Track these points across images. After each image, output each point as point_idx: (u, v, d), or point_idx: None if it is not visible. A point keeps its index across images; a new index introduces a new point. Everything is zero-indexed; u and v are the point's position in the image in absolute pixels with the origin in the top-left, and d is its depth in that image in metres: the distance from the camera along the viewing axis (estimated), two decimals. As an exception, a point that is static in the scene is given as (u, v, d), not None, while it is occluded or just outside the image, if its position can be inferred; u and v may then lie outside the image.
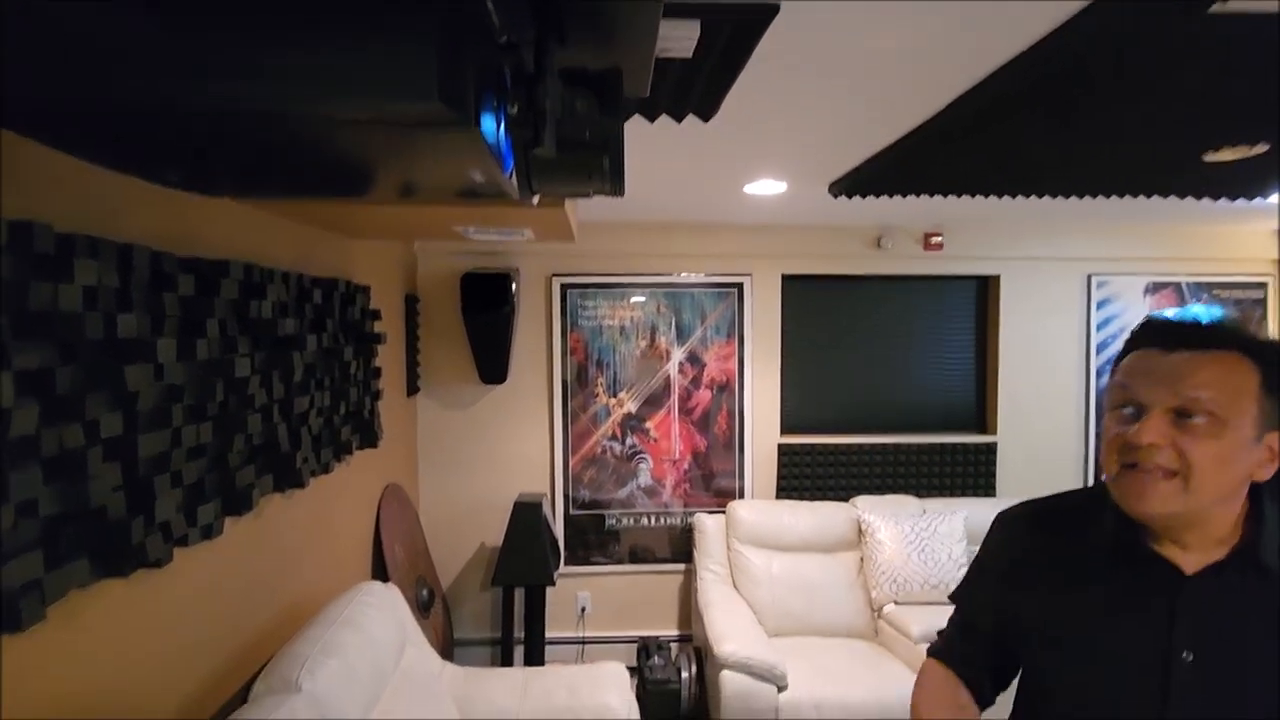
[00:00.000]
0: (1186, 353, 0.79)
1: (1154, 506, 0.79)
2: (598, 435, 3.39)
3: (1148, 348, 0.82)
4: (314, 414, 1.89)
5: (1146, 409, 0.78)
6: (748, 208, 2.91)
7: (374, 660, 1.79)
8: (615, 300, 3.39)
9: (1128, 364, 0.84)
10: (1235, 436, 0.77)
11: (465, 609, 3.35)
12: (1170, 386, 0.77)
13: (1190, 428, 0.76)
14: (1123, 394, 0.81)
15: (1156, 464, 0.77)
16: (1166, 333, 0.82)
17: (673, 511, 3.42)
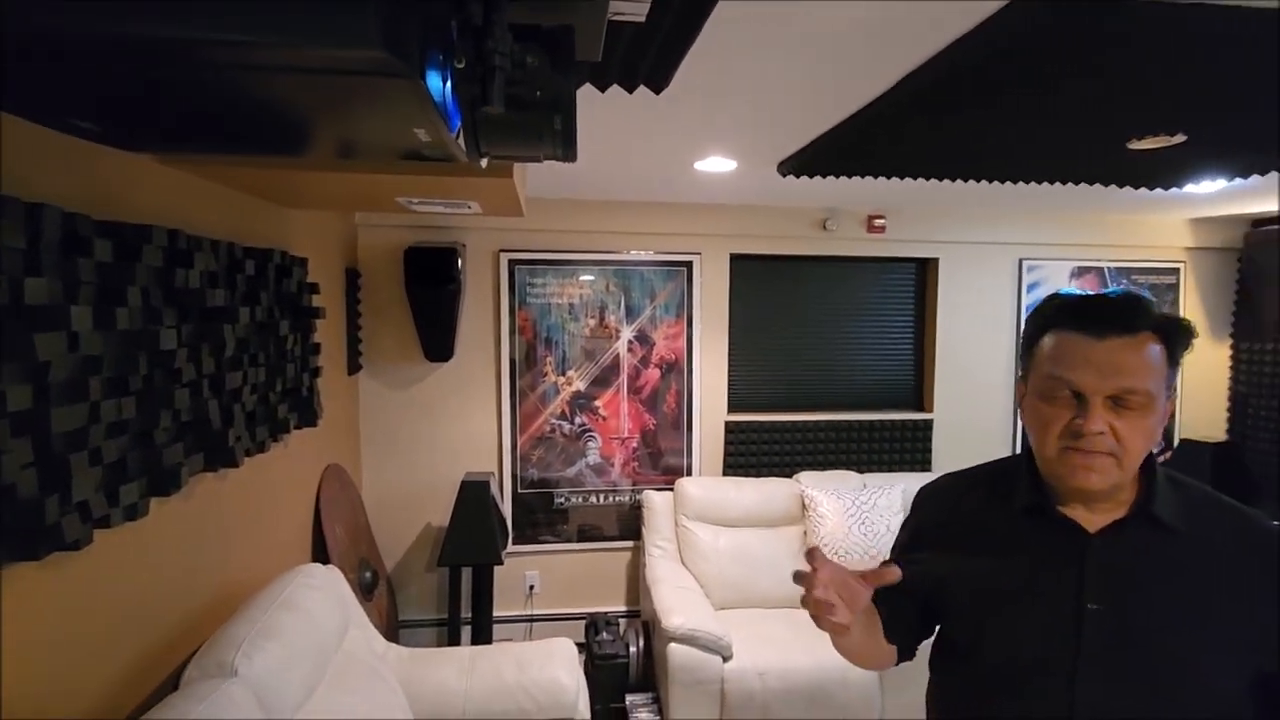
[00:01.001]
0: (1116, 339, 0.84)
1: (1095, 484, 0.85)
2: (546, 414, 3.37)
3: (1072, 331, 0.86)
4: (248, 390, 1.81)
5: (1086, 397, 0.83)
6: (698, 186, 2.92)
7: (315, 642, 1.74)
8: (564, 278, 3.36)
9: (1057, 351, 0.87)
10: (1157, 412, 0.85)
11: (411, 590, 3.30)
12: (1109, 378, 0.83)
13: (1125, 413, 0.83)
14: (1059, 383, 0.85)
15: (1099, 448, 0.83)
16: (1090, 317, 0.86)
17: (621, 489, 3.44)
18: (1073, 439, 0.84)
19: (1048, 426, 0.87)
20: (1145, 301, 0.87)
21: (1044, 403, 0.88)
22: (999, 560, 0.94)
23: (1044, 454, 0.89)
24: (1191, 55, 1.40)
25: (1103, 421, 0.83)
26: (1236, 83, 1.54)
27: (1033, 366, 0.92)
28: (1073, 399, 0.85)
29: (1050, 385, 0.87)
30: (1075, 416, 0.84)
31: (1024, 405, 0.94)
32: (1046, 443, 0.88)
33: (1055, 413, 0.86)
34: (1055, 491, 0.91)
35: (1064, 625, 0.88)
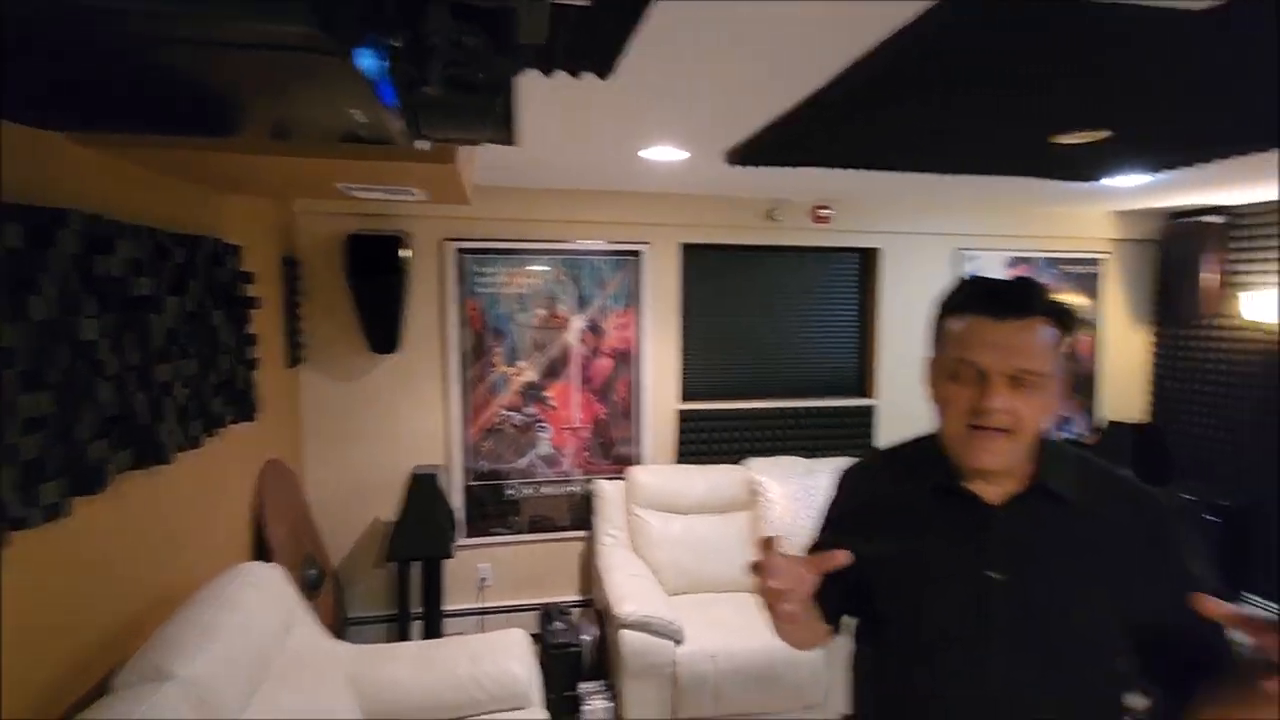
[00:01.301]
0: (1014, 321, 0.89)
1: (996, 461, 0.92)
2: (496, 405, 3.33)
3: (976, 314, 0.92)
4: (178, 384, 1.73)
5: (988, 376, 0.89)
6: (647, 175, 2.92)
7: (256, 642, 1.69)
8: (513, 267, 3.32)
9: (964, 334, 0.92)
10: (1050, 391, 0.91)
11: (358, 587, 3.22)
12: (1007, 357, 0.88)
13: (1022, 391, 0.89)
14: (965, 363, 0.91)
15: (999, 425, 0.89)
16: (991, 300, 0.92)
17: (573, 479, 3.43)
18: (976, 416, 0.89)
19: (954, 404, 0.92)
20: (1038, 287, 0.93)
21: (951, 382, 0.93)
22: (911, 537, 0.99)
23: (950, 431, 0.94)
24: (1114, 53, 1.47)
25: (1003, 398, 0.88)
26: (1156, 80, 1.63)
27: (940, 350, 0.97)
28: (977, 378, 0.90)
29: (957, 366, 0.92)
30: (977, 395, 0.89)
31: (932, 386, 0.99)
32: (952, 420, 0.93)
33: (961, 391, 0.91)
34: (960, 469, 0.96)
35: (971, 597, 0.94)
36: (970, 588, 0.94)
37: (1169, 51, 1.44)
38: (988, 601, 0.93)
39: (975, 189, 3.17)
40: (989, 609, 0.93)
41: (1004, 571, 0.93)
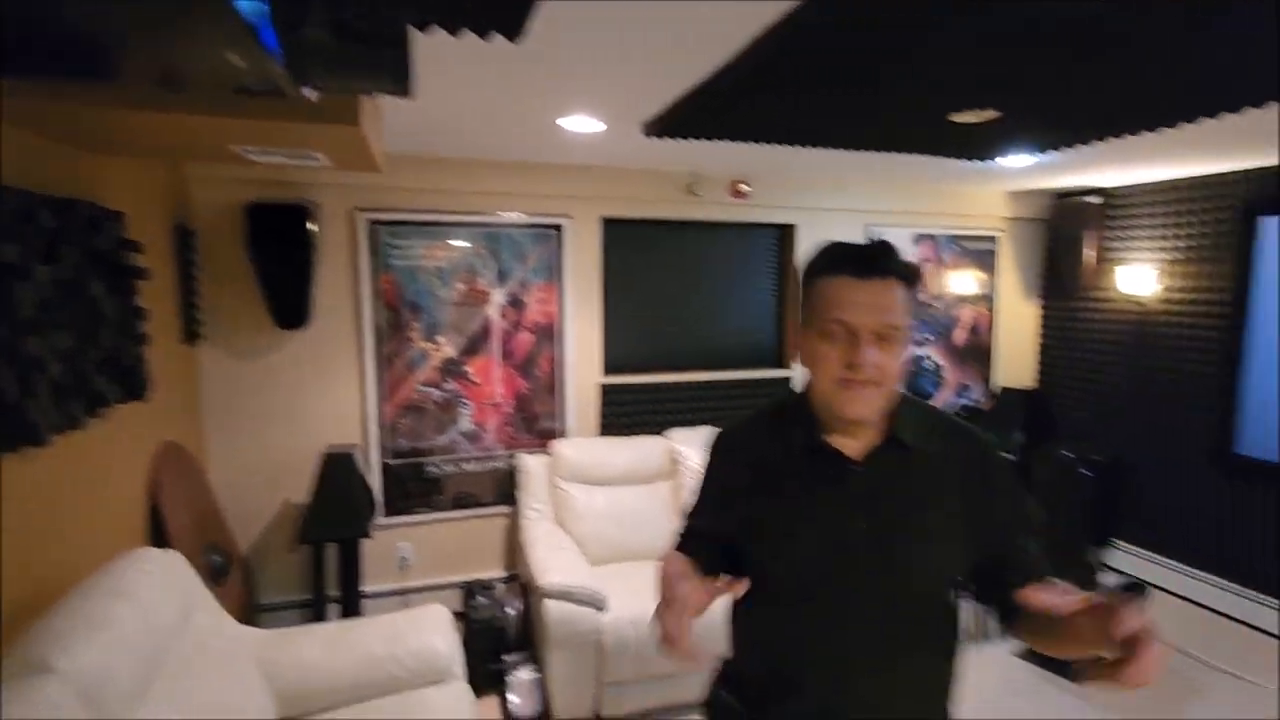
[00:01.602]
0: (877, 281, 0.97)
1: (867, 411, 0.99)
2: (415, 381, 3.25)
3: (841, 275, 0.98)
4: (52, 359, 1.60)
5: (858, 334, 0.96)
6: (566, 146, 2.88)
7: (151, 631, 1.60)
8: (431, 240, 3.22)
9: (833, 296, 0.98)
10: (905, 344, 0.99)
11: (271, 573, 3.10)
12: (874, 315, 0.96)
13: (886, 345, 0.96)
14: (836, 323, 0.97)
15: (868, 378, 0.96)
16: (856, 263, 0.98)
17: (496, 455, 3.40)
18: (848, 371, 0.96)
19: (825, 362, 0.98)
20: (893, 249, 1.00)
21: (823, 341, 0.98)
22: (783, 495, 1.05)
23: (822, 388, 1.00)
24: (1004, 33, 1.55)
25: (871, 353, 0.95)
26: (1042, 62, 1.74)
27: (810, 312, 1.02)
28: (847, 336, 0.96)
29: (829, 326, 0.97)
30: (847, 352, 0.96)
31: (802, 347, 1.04)
32: (825, 377, 0.99)
33: (832, 349, 0.97)
34: (825, 425, 1.03)
35: (838, 546, 1.01)
36: (836, 538, 1.01)
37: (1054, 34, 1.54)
38: (851, 550, 1.01)
39: (883, 166, 3.30)
40: (852, 556, 1.01)
41: (865, 520, 1.01)
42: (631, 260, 3.63)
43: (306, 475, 2.86)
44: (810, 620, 1.03)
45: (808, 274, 1.04)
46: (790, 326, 3.90)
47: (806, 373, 1.04)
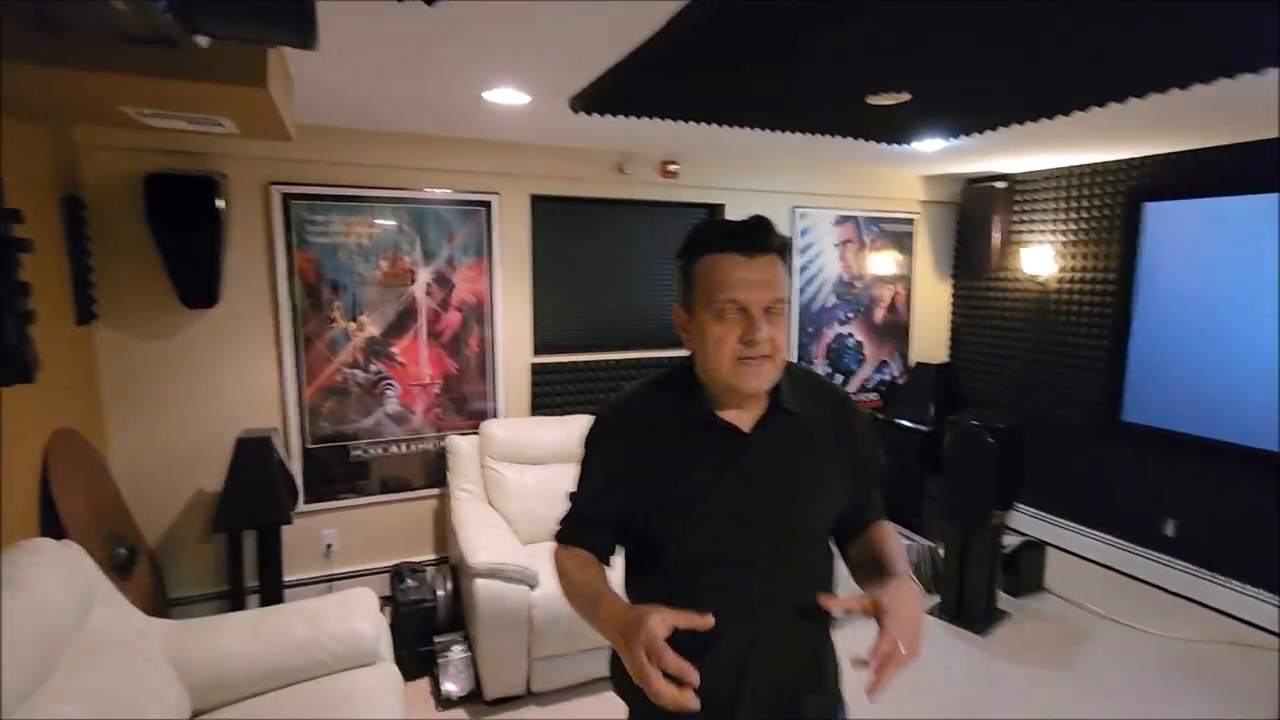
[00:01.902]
0: (762, 258, 0.98)
1: (766, 384, 1.02)
2: (337, 363, 3.14)
3: (728, 254, 0.98)
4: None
5: (751, 312, 0.97)
6: (494, 122, 2.83)
7: (46, 625, 1.51)
8: (351, 216, 3.10)
9: (723, 274, 0.98)
10: (786, 315, 1.03)
11: (183, 565, 2.95)
12: (764, 292, 0.98)
13: (775, 319, 0.99)
14: (729, 303, 0.98)
15: (765, 353, 0.98)
16: (741, 241, 0.99)
17: (425, 436, 3.34)
18: (746, 348, 0.98)
19: (723, 342, 0.98)
20: (771, 224, 1.01)
21: (718, 322, 0.99)
22: (683, 471, 1.04)
23: (719, 366, 1.00)
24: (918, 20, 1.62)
25: (765, 329, 0.97)
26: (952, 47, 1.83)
27: (697, 293, 1.01)
28: (740, 315, 0.98)
29: (722, 305, 0.98)
30: (745, 329, 0.97)
31: (692, 328, 1.04)
32: (722, 356, 0.99)
33: (728, 329, 0.98)
34: (716, 399, 1.05)
35: (736, 513, 1.04)
36: (735, 506, 1.04)
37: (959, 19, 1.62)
38: (752, 517, 1.04)
39: (808, 148, 3.39)
40: (753, 523, 1.04)
41: (760, 487, 1.04)
42: (562, 239, 3.61)
43: (220, 462, 2.74)
44: (717, 588, 1.03)
45: (689, 253, 1.03)
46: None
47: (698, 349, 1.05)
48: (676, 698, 0.83)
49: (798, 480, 1.07)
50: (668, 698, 0.83)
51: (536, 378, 3.54)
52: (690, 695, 0.84)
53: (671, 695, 0.83)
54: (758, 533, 1.04)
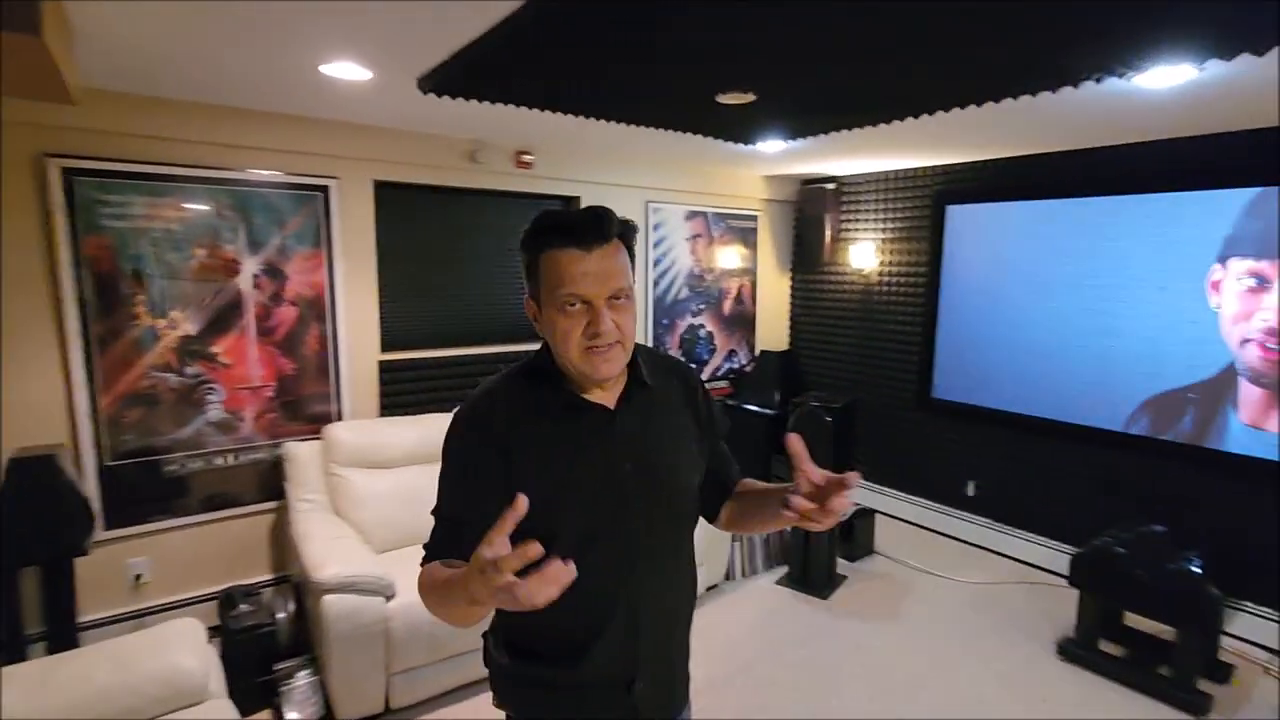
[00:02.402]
0: (601, 249, 1.00)
1: (616, 369, 1.05)
2: (143, 365, 2.73)
3: (567, 248, 0.99)
4: None
5: (594, 305, 1.00)
6: (333, 99, 2.60)
7: None
8: (157, 197, 2.71)
9: (563, 271, 0.99)
10: (635, 300, 1.07)
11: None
12: (605, 283, 1.00)
13: (619, 307, 1.02)
14: (572, 297, 1.00)
15: (611, 341, 1.02)
16: (578, 234, 1.00)
17: (257, 445, 3.01)
18: (593, 340, 1.01)
19: (570, 335, 1.01)
20: (609, 212, 1.02)
21: (562, 316, 1.01)
22: (557, 453, 1.06)
23: (570, 356, 1.03)
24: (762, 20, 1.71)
25: (609, 320, 1.00)
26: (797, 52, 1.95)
27: (542, 287, 1.03)
28: (584, 307, 1.00)
29: (565, 300, 1.00)
30: (589, 322, 1.00)
31: (540, 320, 1.06)
32: (570, 348, 1.02)
33: (573, 322, 1.01)
34: (577, 383, 1.08)
35: (612, 489, 1.07)
36: (610, 482, 1.07)
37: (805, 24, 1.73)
38: (625, 488, 1.08)
39: (661, 144, 3.48)
40: (626, 494, 1.08)
41: (631, 459, 1.09)
42: (411, 229, 3.41)
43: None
44: (600, 563, 1.05)
45: (530, 246, 1.04)
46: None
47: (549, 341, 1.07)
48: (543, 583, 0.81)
49: (664, 447, 1.13)
50: (537, 589, 0.81)
51: (385, 376, 3.33)
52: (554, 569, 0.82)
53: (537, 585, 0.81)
54: (636, 501, 1.08)
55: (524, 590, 0.80)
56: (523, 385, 1.10)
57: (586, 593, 1.04)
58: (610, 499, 1.07)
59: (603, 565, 1.05)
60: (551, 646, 1.11)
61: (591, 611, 0.91)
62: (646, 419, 1.12)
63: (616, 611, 1.09)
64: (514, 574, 0.81)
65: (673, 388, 1.19)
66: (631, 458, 1.09)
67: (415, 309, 3.47)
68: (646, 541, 1.10)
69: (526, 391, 1.09)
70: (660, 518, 1.12)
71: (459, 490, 1.09)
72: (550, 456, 1.05)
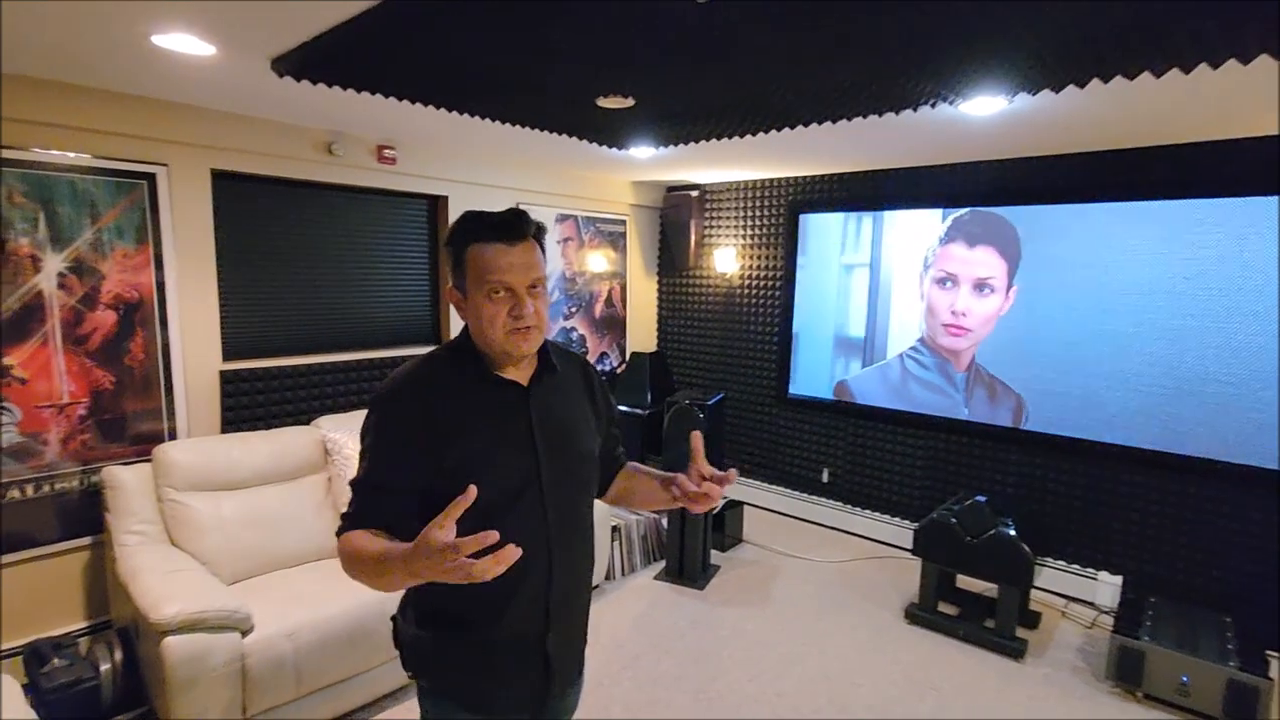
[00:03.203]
0: (522, 244, 1.16)
1: (532, 348, 1.20)
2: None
3: (494, 242, 1.15)
4: None
5: (517, 292, 1.15)
6: (166, 75, 2.30)
7: None
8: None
9: (490, 261, 1.14)
10: (548, 291, 1.23)
11: None
12: (525, 273, 1.16)
13: (537, 295, 1.18)
14: (498, 284, 1.15)
15: (531, 323, 1.17)
16: (504, 231, 1.15)
17: (65, 473, 2.58)
18: (516, 322, 1.16)
19: (495, 319, 1.16)
20: (526, 214, 1.18)
21: (489, 302, 1.15)
22: (478, 424, 1.17)
23: (495, 338, 1.17)
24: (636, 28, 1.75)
25: (529, 305, 1.16)
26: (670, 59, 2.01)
27: (469, 277, 1.17)
28: (508, 295, 1.15)
29: (492, 288, 1.15)
30: (512, 306, 1.15)
31: (466, 305, 1.19)
32: (496, 330, 1.16)
33: (499, 307, 1.15)
34: (495, 363, 1.22)
35: (527, 457, 1.20)
36: (525, 451, 1.20)
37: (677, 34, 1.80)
38: (538, 455, 1.21)
39: (532, 146, 3.45)
40: (539, 461, 1.21)
41: (543, 430, 1.22)
42: (259, 225, 3.10)
43: None
44: (520, 523, 1.15)
45: (457, 242, 1.18)
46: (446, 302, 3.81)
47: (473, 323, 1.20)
48: (496, 563, 0.91)
49: (569, 421, 1.28)
50: (490, 568, 0.90)
51: (228, 388, 2.99)
52: (507, 551, 0.91)
53: (490, 564, 0.91)
54: (548, 465, 1.21)
55: (478, 568, 0.90)
56: (445, 364, 1.22)
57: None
58: (527, 462, 1.19)
59: (521, 524, 1.15)
60: (471, 608, 1.19)
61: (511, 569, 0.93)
62: (556, 395, 1.27)
63: (533, 567, 1.18)
64: None
65: (575, 375, 1.35)
66: (543, 427, 1.22)
67: (264, 314, 3.16)
68: (557, 501, 1.22)
69: (449, 370, 1.21)
70: (569, 480, 1.25)
71: (384, 457, 1.16)
72: (472, 425, 1.16)
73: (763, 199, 4.57)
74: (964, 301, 3.75)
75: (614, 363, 4.91)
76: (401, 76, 2.23)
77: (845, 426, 4.32)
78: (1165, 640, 2.69)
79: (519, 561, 1.09)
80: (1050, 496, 3.56)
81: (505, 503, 1.16)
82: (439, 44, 1.89)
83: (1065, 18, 1.63)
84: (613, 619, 3.25)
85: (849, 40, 1.80)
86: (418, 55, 2.00)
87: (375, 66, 2.12)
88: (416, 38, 1.84)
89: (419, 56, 2.01)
